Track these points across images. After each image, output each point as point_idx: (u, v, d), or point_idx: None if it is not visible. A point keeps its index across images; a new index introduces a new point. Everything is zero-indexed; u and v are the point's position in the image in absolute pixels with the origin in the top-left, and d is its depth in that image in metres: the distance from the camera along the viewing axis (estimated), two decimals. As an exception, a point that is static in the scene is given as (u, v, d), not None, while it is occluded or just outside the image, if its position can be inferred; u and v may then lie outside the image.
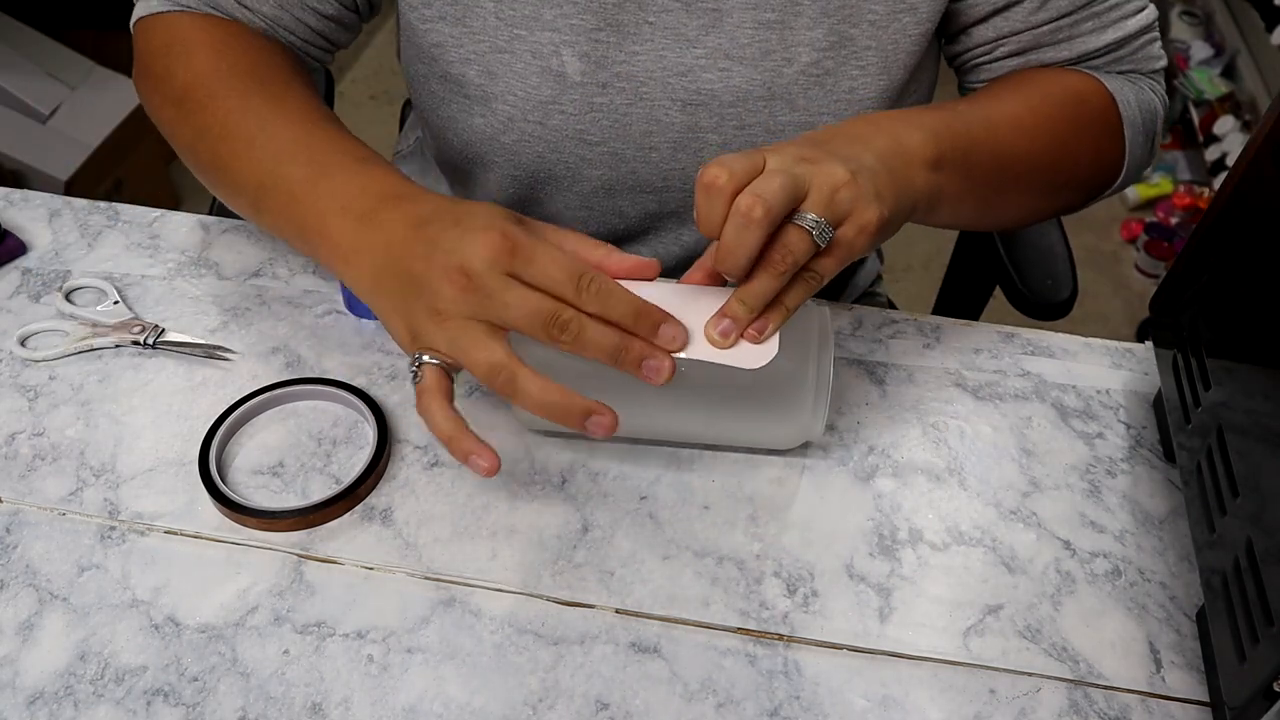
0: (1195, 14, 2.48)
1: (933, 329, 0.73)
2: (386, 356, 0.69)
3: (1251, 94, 2.21)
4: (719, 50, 0.70)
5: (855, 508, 0.63)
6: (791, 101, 0.71)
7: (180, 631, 0.56)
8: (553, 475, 0.63)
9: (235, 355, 0.68)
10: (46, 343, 0.70)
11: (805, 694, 0.55)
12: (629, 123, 0.72)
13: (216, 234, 0.77)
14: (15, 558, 0.59)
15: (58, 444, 0.64)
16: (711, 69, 0.70)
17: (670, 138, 0.73)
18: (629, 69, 0.70)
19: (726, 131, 0.72)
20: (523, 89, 0.71)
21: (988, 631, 0.58)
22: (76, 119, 1.92)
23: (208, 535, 0.60)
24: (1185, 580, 0.60)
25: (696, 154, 0.74)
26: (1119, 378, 0.71)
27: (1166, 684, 0.56)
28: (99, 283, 0.73)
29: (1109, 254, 2.22)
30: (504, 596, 0.58)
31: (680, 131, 0.72)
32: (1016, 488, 0.64)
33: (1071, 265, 0.91)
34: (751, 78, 0.70)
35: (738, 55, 0.70)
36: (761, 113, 0.71)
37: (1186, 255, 0.64)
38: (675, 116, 0.72)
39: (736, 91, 0.71)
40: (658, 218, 0.79)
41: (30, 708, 0.53)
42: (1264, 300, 0.55)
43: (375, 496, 0.62)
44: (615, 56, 0.70)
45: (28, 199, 0.80)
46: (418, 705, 0.54)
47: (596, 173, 0.74)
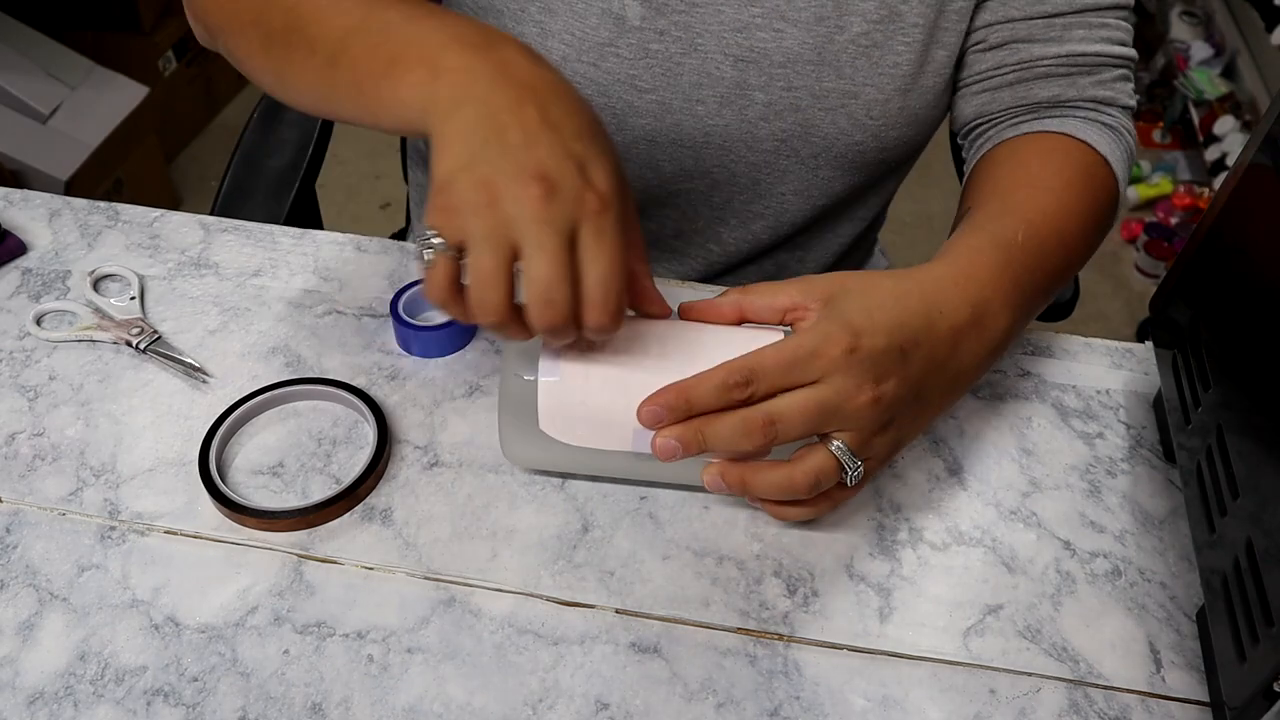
0: (1195, 14, 2.48)
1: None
2: (386, 356, 0.69)
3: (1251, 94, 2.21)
4: (775, 11, 0.71)
5: (855, 508, 0.63)
6: (839, 68, 0.73)
7: (180, 631, 0.56)
8: (552, 475, 0.63)
9: (212, 379, 0.68)
10: (55, 322, 0.71)
11: (805, 694, 0.55)
12: (680, 73, 0.73)
13: (216, 234, 0.77)
14: (15, 558, 0.59)
15: (58, 444, 0.64)
16: (766, 28, 0.72)
17: (719, 92, 0.74)
18: (687, 19, 0.72)
19: (774, 91, 0.74)
20: (581, 29, 0.72)
21: (988, 631, 0.58)
22: (76, 119, 1.92)
23: (208, 535, 0.60)
24: (1185, 580, 0.60)
25: (741, 111, 0.75)
26: (1119, 378, 0.71)
27: (1166, 684, 0.56)
28: (126, 273, 0.73)
29: (1109, 254, 2.22)
30: (504, 596, 0.58)
31: (729, 87, 0.74)
32: (1016, 488, 0.64)
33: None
34: (804, 40, 0.72)
35: (793, 17, 0.71)
36: (809, 76, 0.73)
37: (1186, 255, 0.64)
38: (726, 71, 0.73)
39: (788, 53, 0.72)
40: (691, 175, 0.79)
41: (30, 708, 0.53)
42: (1264, 300, 0.55)
43: (375, 496, 0.62)
44: (675, 5, 0.71)
45: (28, 199, 0.80)
46: (418, 705, 0.54)
47: (641, 121, 0.75)
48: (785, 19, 0.72)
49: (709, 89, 0.74)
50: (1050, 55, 0.73)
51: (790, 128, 0.76)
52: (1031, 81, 0.74)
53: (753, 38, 0.72)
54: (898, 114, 0.75)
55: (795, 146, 0.77)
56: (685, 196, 0.81)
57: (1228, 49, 2.33)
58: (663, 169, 0.79)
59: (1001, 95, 0.76)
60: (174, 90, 2.17)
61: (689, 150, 0.77)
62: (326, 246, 0.76)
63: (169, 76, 2.14)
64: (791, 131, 0.76)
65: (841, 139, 0.76)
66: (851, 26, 0.72)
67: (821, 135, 0.76)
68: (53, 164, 1.86)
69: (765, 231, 0.84)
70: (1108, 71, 0.75)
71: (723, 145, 0.77)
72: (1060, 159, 0.71)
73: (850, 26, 0.72)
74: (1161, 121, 2.47)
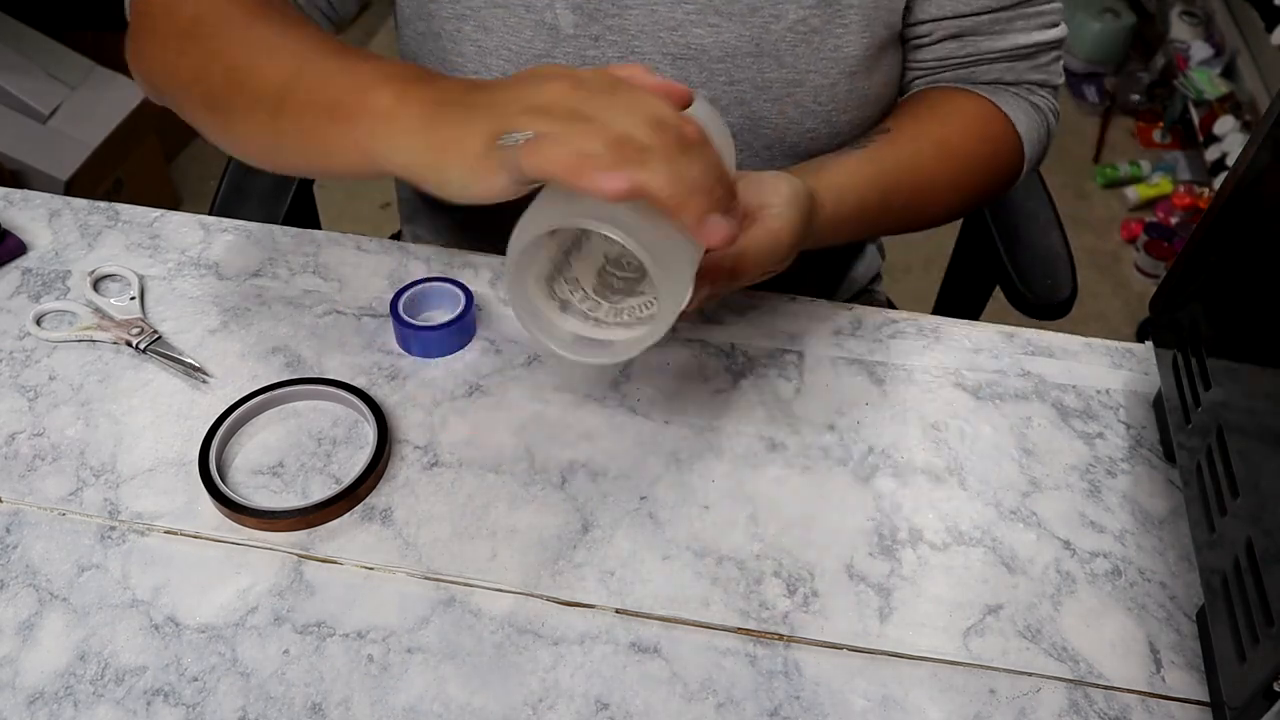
0: (1195, 14, 2.48)
1: (933, 329, 0.73)
2: (386, 356, 0.69)
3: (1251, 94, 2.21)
4: (709, 5, 0.71)
5: (855, 508, 0.63)
6: (779, 58, 0.73)
7: (180, 631, 0.56)
8: (553, 475, 0.63)
9: (212, 379, 0.68)
10: (55, 322, 0.71)
11: (805, 694, 0.55)
12: None
13: (216, 234, 0.77)
14: (15, 558, 0.59)
15: (58, 444, 0.64)
16: (701, 24, 0.71)
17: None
18: (620, 22, 0.72)
19: (716, 87, 0.74)
20: (516, 43, 0.72)
21: (988, 631, 0.58)
22: (76, 119, 1.92)
23: (208, 535, 0.60)
24: (1185, 580, 0.60)
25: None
26: (1119, 378, 0.71)
27: (1166, 684, 0.56)
28: (126, 273, 0.73)
29: (1109, 254, 2.22)
30: (504, 596, 0.58)
31: None
32: (1016, 488, 0.64)
33: (1071, 266, 0.91)
34: (740, 33, 0.72)
35: (727, 10, 0.71)
36: (750, 69, 0.73)
37: (1186, 255, 0.64)
38: (665, 70, 0.73)
39: (725, 47, 0.72)
40: None
41: (30, 708, 0.53)
42: (1264, 300, 0.55)
43: (375, 496, 0.62)
44: (607, 10, 0.71)
45: (28, 199, 0.80)
46: (418, 705, 0.54)
47: None
48: (719, 13, 0.71)
49: None
50: (995, 49, 0.77)
51: (738, 121, 0.75)
52: (974, 68, 0.78)
53: (688, 35, 0.72)
54: (847, 97, 0.75)
55: (747, 140, 0.77)
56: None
57: (1228, 49, 2.33)
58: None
59: (943, 78, 0.79)
60: (174, 90, 2.16)
61: None
62: (326, 246, 0.76)
63: (169, 76, 2.14)
64: (740, 125, 0.76)
65: (792, 128, 0.76)
66: (787, 14, 0.71)
67: (771, 126, 0.76)
68: (53, 164, 1.85)
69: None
70: (1044, 56, 0.79)
71: None
72: (973, 121, 0.77)
73: (786, 14, 0.71)
74: (1161, 121, 2.47)
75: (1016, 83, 0.79)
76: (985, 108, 0.78)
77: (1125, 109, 2.53)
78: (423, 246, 0.76)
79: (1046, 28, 0.77)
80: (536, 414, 0.66)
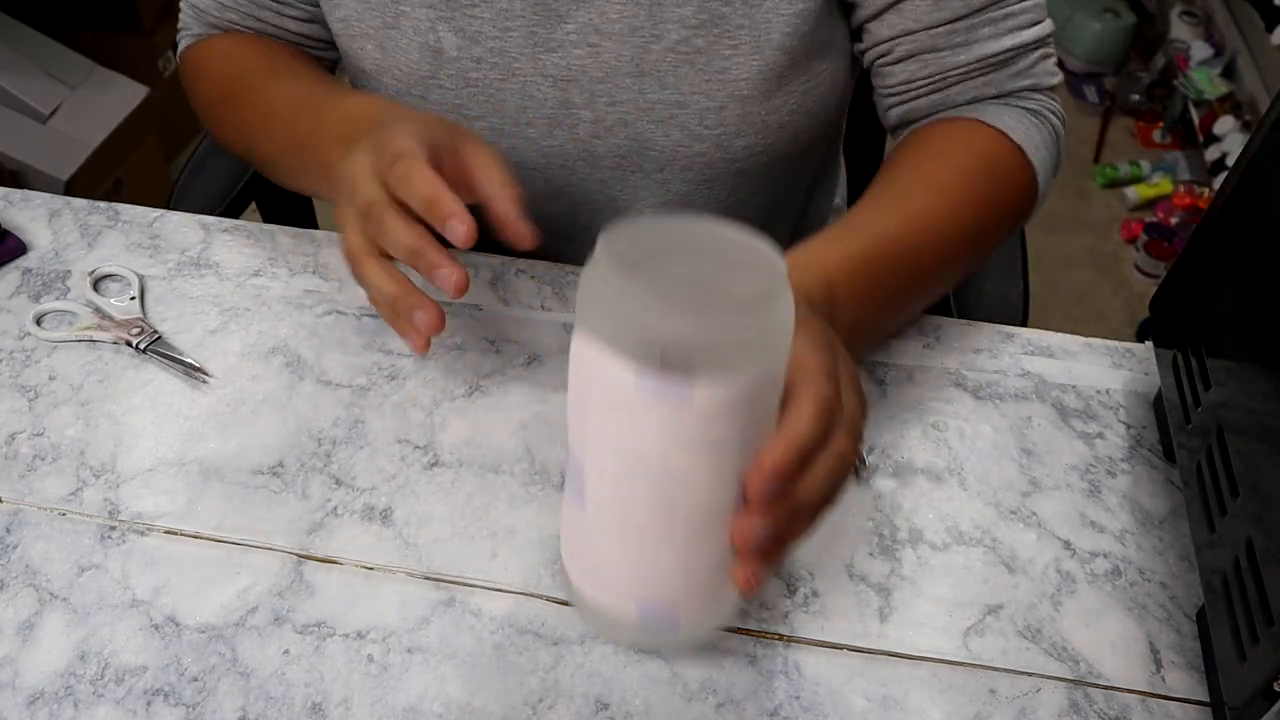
0: (1195, 14, 2.48)
1: (933, 329, 0.73)
2: (386, 356, 0.69)
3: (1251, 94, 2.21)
4: (589, 25, 0.70)
5: (855, 508, 0.63)
6: (661, 79, 0.71)
7: (180, 631, 0.56)
8: (553, 475, 0.63)
9: (212, 379, 0.68)
10: (55, 322, 0.71)
11: (805, 694, 0.55)
12: (503, 98, 0.73)
13: (216, 234, 0.77)
14: (15, 558, 0.59)
15: (58, 444, 0.64)
16: (581, 44, 0.71)
17: (544, 114, 0.74)
18: (501, 44, 0.71)
19: (598, 108, 0.73)
20: (405, 64, 0.73)
21: (988, 631, 0.58)
22: (76, 119, 1.92)
23: (208, 535, 0.60)
24: (1185, 580, 0.60)
25: (571, 130, 0.74)
26: (1119, 378, 0.71)
27: (1166, 684, 0.56)
28: (126, 273, 0.73)
29: (1109, 254, 2.22)
30: (504, 596, 0.58)
31: (553, 108, 0.73)
32: (1016, 488, 0.64)
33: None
34: (620, 54, 0.71)
35: (607, 30, 0.70)
36: (631, 89, 0.72)
37: (1186, 255, 0.64)
38: (547, 92, 0.73)
39: (605, 68, 0.71)
40: (549, 199, 0.79)
41: (30, 708, 0.53)
42: (1264, 300, 0.55)
43: (375, 496, 0.62)
44: (488, 32, 0.71)
45: (28, 199, 0.80)
46: (418, 705, 0.54)
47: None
48: (599, 33, 0.70)
49: (534, 111, 0.74)
50: (961, 63, 0.71)
51: (625, 143, 0.74)
52: (947, 90, 0.73)
53: (568, 56, 0.71)
54: (739, 122, 0.72)
55: (637, 162, 0.75)
56: (553, 220, 0.81)
57: (1228, 49, 2.33)
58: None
59: (919, 105, 0.74)
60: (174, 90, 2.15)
61: (536, 173, 0.77)
62: (326, 246, 0.76)
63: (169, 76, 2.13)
64: (628, 147, 0.74)
65: (680, 151, 0.74)
66: (669, 34, 0.69)
67: (658, 149, 0.74)
68: (53, 164, 1.85)
69: None
70: (1023, 60, 0.72)
71: (564, 165, 0.76)
72: (961, 149, 0.70)
73: (667, 34, 0.70)
74: (1161, 121, 2.47)
75: (1000, 95, 0.73)
76: (966, 127, 0.71)
77: (1125, 109, 2.53)
78: (423, 246, 0.76)
79: (1020, 29, 0.71)
80: (536, 414, 0.66)
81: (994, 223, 0.70)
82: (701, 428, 0.44)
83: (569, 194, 0.79)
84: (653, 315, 0.42)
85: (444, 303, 0.72)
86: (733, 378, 0.43)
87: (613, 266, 0.43)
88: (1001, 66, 0.72)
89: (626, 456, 0.46)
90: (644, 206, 0.79)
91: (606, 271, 0.44)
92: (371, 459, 0.64)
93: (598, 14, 0.70)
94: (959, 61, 0.71)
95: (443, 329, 0.57)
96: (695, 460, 0.45)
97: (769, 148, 0.75)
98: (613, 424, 0.46)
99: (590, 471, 0.48)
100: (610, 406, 0.45)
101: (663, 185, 0.77)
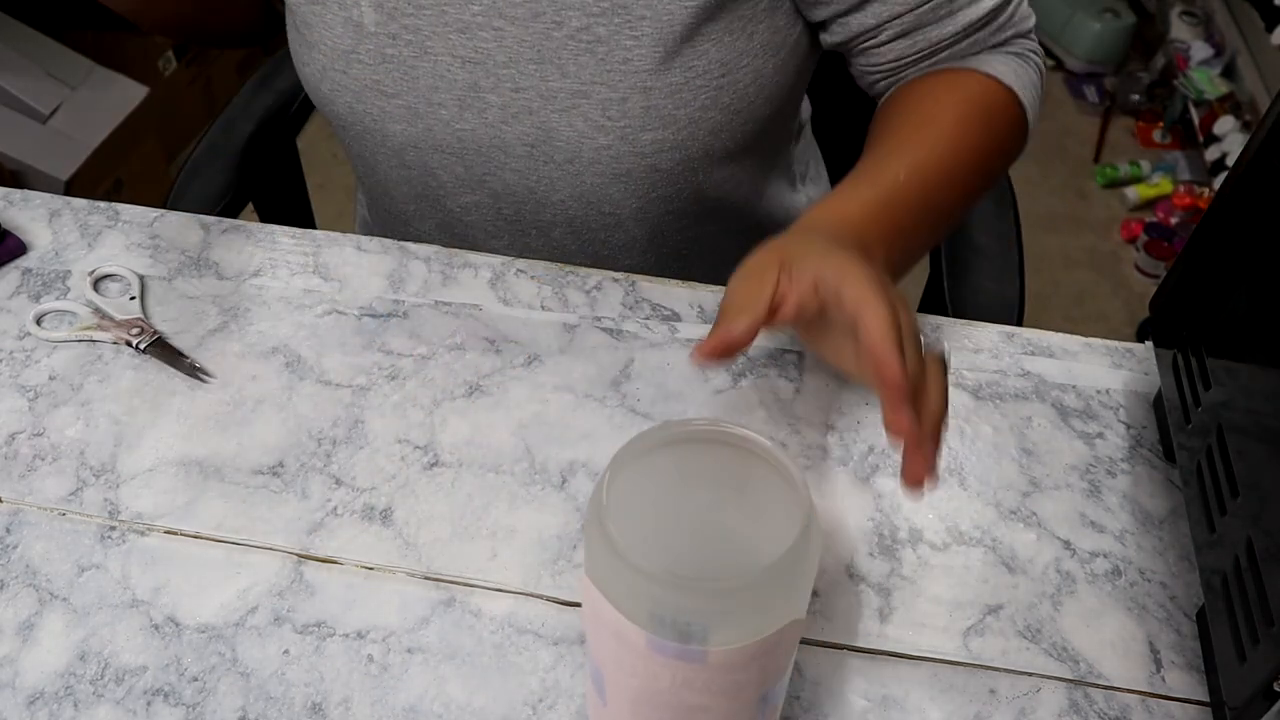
0: (1195, 14, 2.48)
1: (933, 329, 0.73)
2: (387, 356, 0.69)
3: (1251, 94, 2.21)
4: (493, 9, 0.70)
5: (855, 508, 0.63)
6: (562, 67, 0.71)
7: (180, 631, 0.56)
8: (553, 475, 0.63)
9: (212, 379, 0.68)
10: (55, 322, 0.71)
11: (805, 694, 0.55)
12: (417, 76, 0.74)
13: (216, 234, 0.77)
14: (15, 558, 0.59)
15: (58, 444, 0.64)
16: (486, 27, 0.71)
17: (455, 95, 0.74)
18: (415, 21, 0.72)
19: (504, 93, 0.73)
20: (330, 38, 0.74)
21: (988, 631, 0.58)
22: (76, 119, 1.92)
23: (208, 535, 0.60)
24: (1185, 580, 0.60)
25: (481, 114, 0.74)
26: (1119, 378, 0.71)
27: (1166, 684, 0.56)
28: (126, 273, 0.73)
29: (1109, 254, 2.22)
30: (504, 596, 0.58)
31: (463, 89, 0.74)
32: (1016, 488, 0.64)
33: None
34: (522, 38, 0.71)
35: (510, 14, 0.70)
36: (533, 76, 0.72)
37: (1186, 255, 0.64)
38: (457, 74, 0.73)
39: (509, 52, 0.71)
40: (470, 186, 0.79)
41: (30, 708, 0.53)
42: (1264, 300, 0.55)
43: (375, 496, 0.62)
44: (404, 9, 0.71)
45: (28, 199, 0.80)
46: (418, 705, 0.54)
47: (398, 127, 0.76)
48: (504, 16, 0.70)
49: (445, 92, 0.74)
50: (947, 34, 0.73)
51: (531, 131, 0.74)
52: (936, 57, 0.74)
53: (475, 38, 0.71)
54: (644, 114, 0.72)
55: (546, 151, 0.75)
56: (477, 209, 0.81)
57: (1228, 49, 2.33)
58: (440, 177, 0.79)
59: (907, 73, 0.76)
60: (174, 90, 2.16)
61: (454, 157, 0.77)
62: (326, 246, 0.76)
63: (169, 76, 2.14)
64: (535, 136, 0.74)
65: (586, 143, 0.73)
66: (570, 21, 0.69)
67: (564, 139, 0.74)
68: (53, 164, 1.85)
69: (570, 240, 0.82)
70: (1003, 14, 0.74)
71: (479, 151, 0.76)
72: (954, 94, 0.73)
73: (569, 21, 0.69)
74: (1161, 121, 2.47)
75: (980, 51, 0.75)
76: (957, 76, 0.73)
77: (1125, 109, 2.53)
78: (423, 246, 0.76)
79: None
80: (536, 414, 0.66)
81: (993, 161, 0.73)
82: (718, 678, 0.42)
83: (488, 183, 0.79)
84: (661, 589, 0.39)
85: (444, 303, 0.72)
86: (750, 635, 0.41)
87: (618, 523, 0.40)
88: (984, 25, 0.74)
89: (643, 691, 0.44)
90: (560, 199, 0.78)
91: (612, 533, 0.40)
92: (371, 459, 0.64)
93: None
94: (945, 33, 0.73)
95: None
96: (714, 699, 0.44)
97: (680, 143, 0.74)
98: (626, 661, 0.43)
99: (608, 682, 0.46)
100: (622, 646, 0.43)
101: (575, 177, 0.76)
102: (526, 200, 0.79)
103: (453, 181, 0.80)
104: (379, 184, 0.85)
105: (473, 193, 0.80)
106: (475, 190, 0.80)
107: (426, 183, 0.81)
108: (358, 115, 0.77)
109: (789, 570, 0.40)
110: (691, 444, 0.44)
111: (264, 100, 1.00)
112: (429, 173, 0.79)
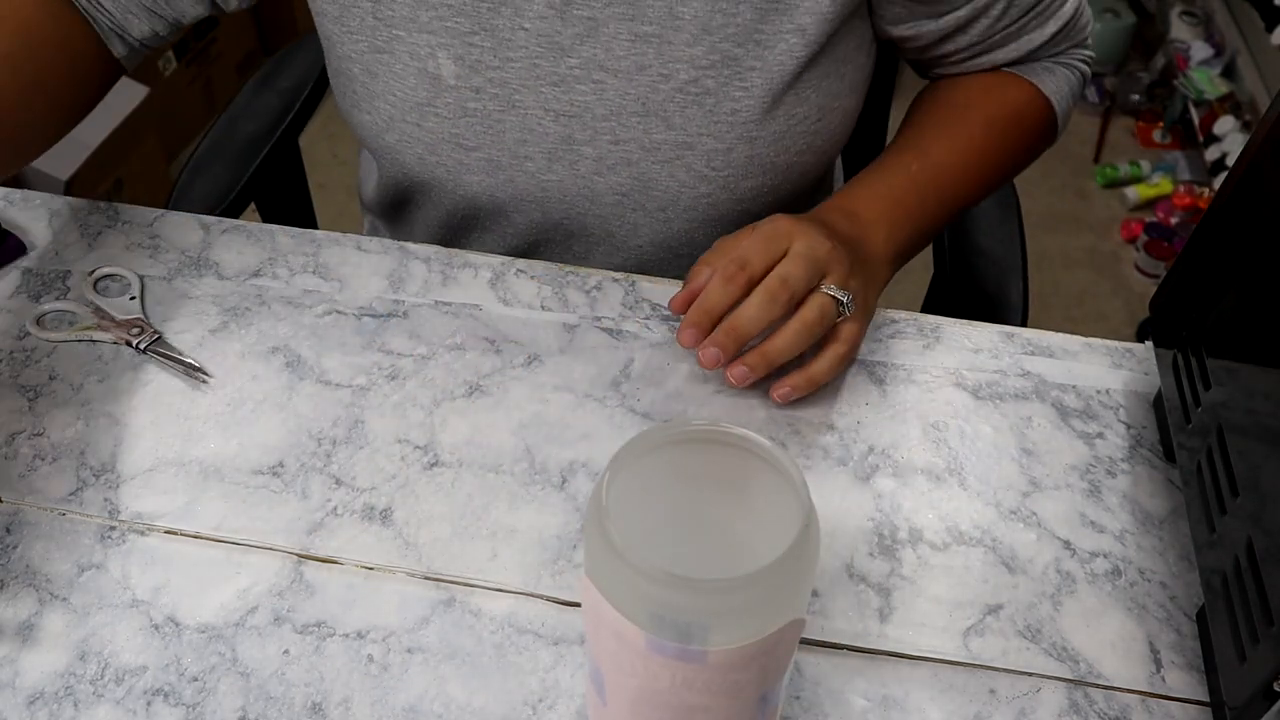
0: (1195, 14, 2.48)
1: (933, 329, 0.73)
2: (387, 356, 0.69)
3: (1251, 94, 2.21)
4: (593, 61, 0.69)
5: (855, 508, 0.63)
6: (668, 119, 0.70)
7: (180, 631, 0.56)
8: (553, 475, 0.63)
9: (212, 379, 0.68)
10: (55, 322, 0.71)
11: (805, 694, 0.55)
12: (503, 129, 0.72)
13: (216, 234, 0.77)
14: (15, 558, 0.59)
15: (58, 444, 0.64)
16: (585, 80, 0.69)
17: (544, 148, 0.73)
18: (502, 75, 0.70)
19: (601, 145, 0.72)
20: (401, 90, 0.72)
21: (988, 631, 0.58)
22: (76, 119, 1.92)
23: (208, 535, 0.60)
24: (1185, 580, 0.60)
25: (572, 166, 0.73)
26: (1119, 378, 0.71)
27: (1166, 684, 0.56)
28: (126, 273, 0.73)
29: (1109, 254, 2.22)
30: (504, 596, 0.58)
31: (555, 142, 0.72)
32: (1016, 488, 0.64)
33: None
34: (626, 92, 0.70)
35: (613, 68, 0.69)
36: (636, 129, 0.71)
37: (1186, 255, 0.64)
38: (549, 126, 0.72)
39: (610, 105, 0.70)
40: (544, 229, 0.79)
41: (30, 708, 0.53)
42: (1264, 300, 0.55)
43: (375, 496, 0.62)
44: (489, 61, 0.70)
45: (28, 199, 0.80)
46: (418, 705, 0.54)
47: (475, 178, 0.75)
48: (605, 69, 0.69)
49: (534, 145, 0.73)
50: (1011, 58, 0.77)
51: (627, 181, 0.73)
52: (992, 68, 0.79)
53: (572, 91, 0.70)
54: (747, 164, 0.72)
55: (639, 200, 0.75)
56: (548, 247, 0.81)
57: (1228, 49, 2.33)
58: (515, 221, 0.78)
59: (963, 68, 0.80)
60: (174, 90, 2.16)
61: (533, 204, 0.76)
62: (326, 246, 0.76)
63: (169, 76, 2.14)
64: (630, 185, 0.74)
65: (685, 192, 0.74)
66: (678, 74, 0.69)
67: (662, 189, 0.74)
68: (53, 164, 1.85)
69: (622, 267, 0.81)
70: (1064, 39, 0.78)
71: (563, 200, 0.75)
72: (990, 95, 0.77)
73: (677, 74, 0.69)
74: (1161, 121, 2.47)
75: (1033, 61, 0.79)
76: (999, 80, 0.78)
77: (1125, 109, 2.53)
78: (423, 246, 0.76)
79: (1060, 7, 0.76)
80: (536, 414, 0.66)
81: (1014, 164, 0.79)
82: (718, 678, 0.42)
83: (565, 226, 0.78)
84: (661, 589, 0.39)
85: (444, 303, 0.72)
86: (750, 635, 0.41)
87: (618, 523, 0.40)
88: (1047, 46, 0.78)
89: (643, 691, 0.44)
90: (639, 244, 0.78)
91: (612, 533, 0.40)
92: (371, 459, 0.64)
93: (603, 50, 0.69)
94: (1010, 56, 0.77)
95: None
96: (714, 699, 0.44)
97: (776, 188, 0.75)
98: (626, 661, 0.43)
99: (608, 682, 0.46)
100: (622, 646, 0.43)
101: (664, 224, 0.76)
102: (603, 243, 0.79)
103: (528, 227, 0.78)
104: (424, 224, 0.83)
105: (545, 234, 0.79)
106: (549, 231, 0.79)
107: (501, 230, 0.80)
108: (428, 167, 0.75)
109: (789, 570, 0.40)
110: (691, 444, 0.44)
111: (266, 100, 1.00)
112: (503, 217, 0.78)
